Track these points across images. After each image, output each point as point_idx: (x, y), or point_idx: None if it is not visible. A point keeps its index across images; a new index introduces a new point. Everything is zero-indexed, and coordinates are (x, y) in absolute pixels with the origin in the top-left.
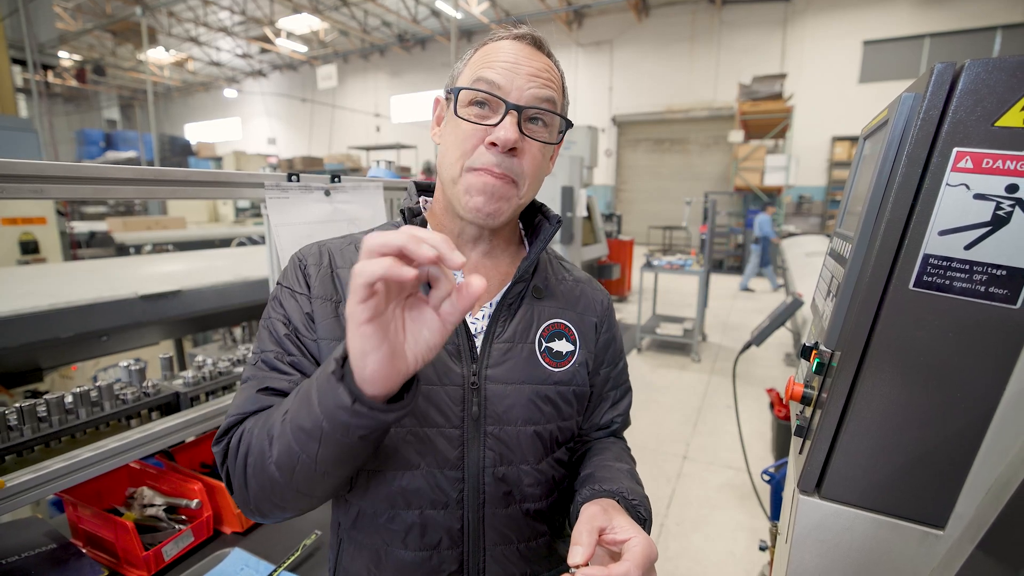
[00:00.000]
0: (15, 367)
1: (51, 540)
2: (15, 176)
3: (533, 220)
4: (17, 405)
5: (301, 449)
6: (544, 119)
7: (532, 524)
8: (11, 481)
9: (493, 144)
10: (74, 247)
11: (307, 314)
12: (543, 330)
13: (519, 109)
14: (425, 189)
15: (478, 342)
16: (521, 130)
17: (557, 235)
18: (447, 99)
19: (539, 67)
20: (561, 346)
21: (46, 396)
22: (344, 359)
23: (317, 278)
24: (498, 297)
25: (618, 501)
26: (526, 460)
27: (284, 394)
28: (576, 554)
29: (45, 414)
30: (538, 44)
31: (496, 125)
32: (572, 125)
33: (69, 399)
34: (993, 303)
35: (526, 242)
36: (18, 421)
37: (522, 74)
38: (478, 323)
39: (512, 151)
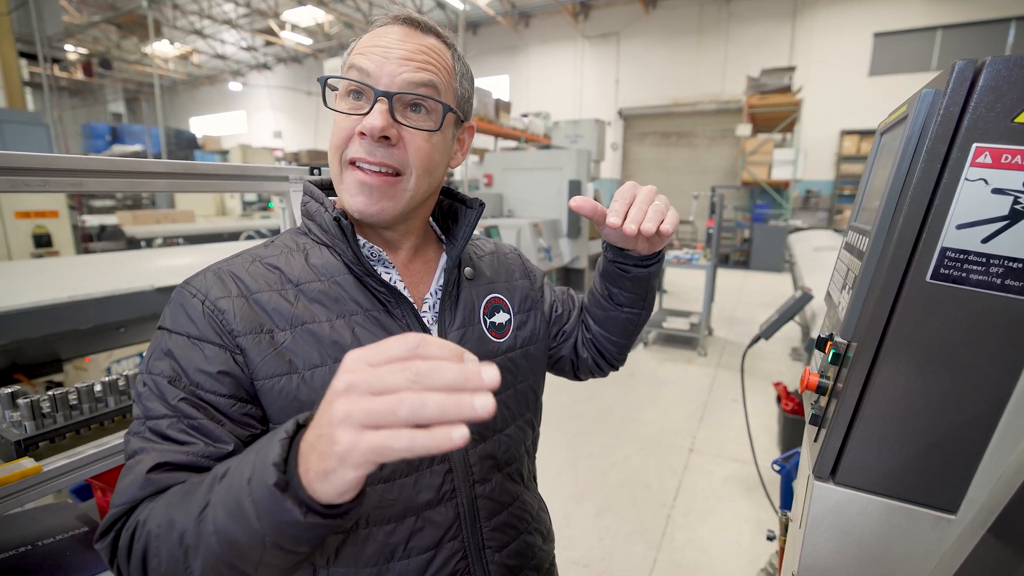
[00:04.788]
0: (36, 358)
1: (83, 524)
2: (57, 170)
3: (448, 207)
4: (50, 393)
5: (235, 562)
6: (425, 105)
7: (512, 487)
8: (47, 466)
9: (363, 134)
10: (85, 240)
11: (219, 364)
12: (484, 307)
13: (389, 96)
14: (324, 187)
15: (435, 335)
16: (395, 118)
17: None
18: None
19: (414, 49)
20: (500, 318)
21: (77, 385)
22: (284, 463)
23: (236, 312)
24: (434, 287)
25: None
26: (496, 429)
27: (184, 469)
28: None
29: (76, 402)
30: (418, 25)
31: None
32: (454, 111)
33: (98, 388)
34: (1009, 295)
35: (436, 229)
36: (51, 409)
37: (393, 58)
38: (427, 315)
39: (386, 140)
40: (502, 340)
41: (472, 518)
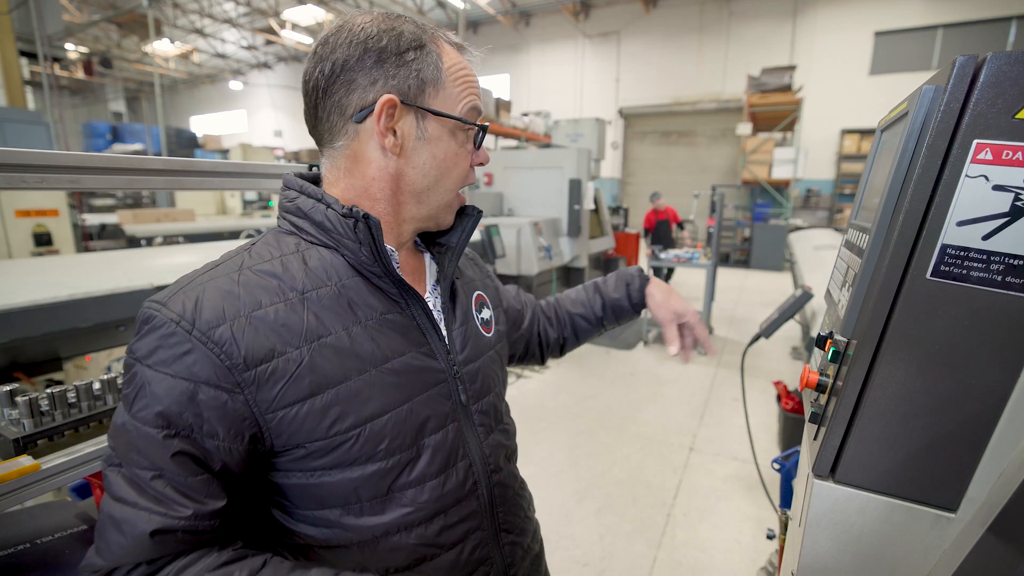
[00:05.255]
0: (36, 356)
1: (82, 522)
2: (54, 167)
3: None
4: (48, 391)
5: None
6: None
7: (515, 471)
8: (45, 464)
9: (480, 163)
10: (86, 239)
11: (215, 409)
12: (474, 304)
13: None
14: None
15: (444, 333)
16: None
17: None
18: (419, 113)
19: None
20: (486, 314)
21: (75, 383)
22: None
23: (237, 341)
24: (431, 284)
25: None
26: (501, 420)
27: (182, 531)
28: (673, 348)
29: (75, 400)
30: None
31: (478, 146)
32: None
33: (97, 386)
34: (1010, 292)
35: None
36: (50, 407)
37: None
38: (435, 314)
39: None
40: (491, 335)
41: (491, 506)
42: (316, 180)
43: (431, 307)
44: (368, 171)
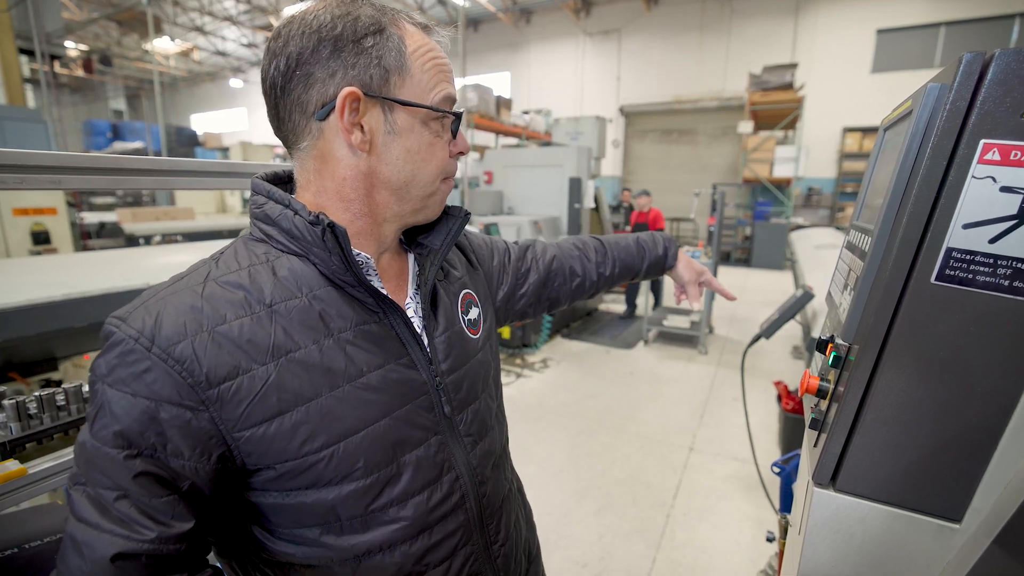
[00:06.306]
0: (31, 356)
1: None
2: (33, 167)
3: None
4: (37, 394)
5: None
6: None
7: (504, 480)
8: (33, 468)
9: (460, 153)
10: (84, 237)
11: (178, 428)
12: (460, 305)
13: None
14: (278, 181)
15: (426, 343)
16: None
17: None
18: (385, 104)
19: None
20: (474, 313)
21: (64, 386)
22: None
23: (199, 359)
24: (411, 291)
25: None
26: (489, 426)
27: (140, 557)
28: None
29: (64, 403)
30: None
31: (454, 135)
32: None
33: (86, 388)
34: (1017, 297)
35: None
36: (38, 410)
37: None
38: (415, 320)
39: None
40: (478, 336)
41: (480, 519)
42: (290, 179)
43: (411, 314)
44: (338, 171)
